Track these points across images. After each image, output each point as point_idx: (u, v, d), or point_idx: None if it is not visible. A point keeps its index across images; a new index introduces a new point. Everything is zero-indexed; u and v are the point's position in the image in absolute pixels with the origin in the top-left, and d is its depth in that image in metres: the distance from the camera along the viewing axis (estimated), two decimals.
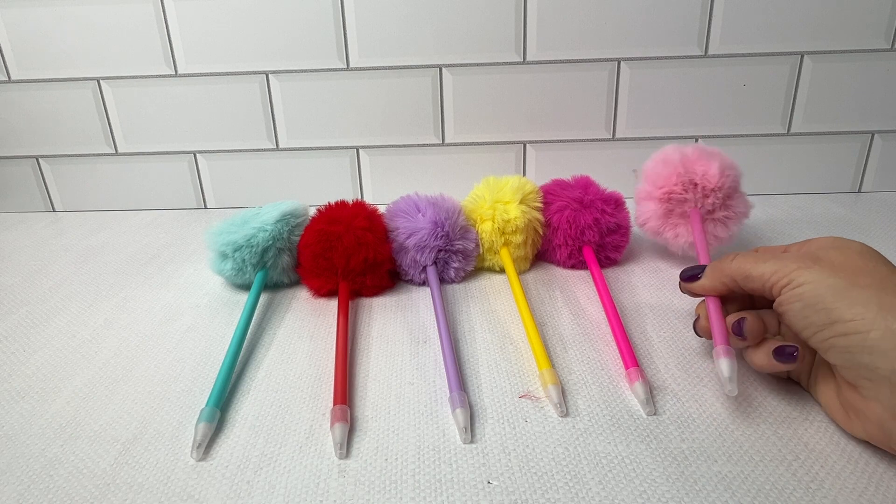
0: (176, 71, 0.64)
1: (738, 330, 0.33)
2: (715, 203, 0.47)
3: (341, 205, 0.48)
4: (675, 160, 0.47)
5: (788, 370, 0.32)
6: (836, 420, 0.31)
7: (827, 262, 0.31)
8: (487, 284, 0.49)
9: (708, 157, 0.47)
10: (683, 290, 0.38)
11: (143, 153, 0.68)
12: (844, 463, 0.29)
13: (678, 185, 0.47)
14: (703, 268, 0.36)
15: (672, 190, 0.47)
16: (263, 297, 0.47)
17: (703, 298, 0.37)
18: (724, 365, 0.32)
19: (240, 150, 0.67)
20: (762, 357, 0.32)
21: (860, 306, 0.27)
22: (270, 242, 0.46)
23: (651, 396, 0.34)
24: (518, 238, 0.49)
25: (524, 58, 0.63)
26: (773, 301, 0.32)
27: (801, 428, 0.31)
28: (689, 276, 0.37)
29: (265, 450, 0.31)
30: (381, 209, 0.50)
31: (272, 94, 0.65)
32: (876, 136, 0.66)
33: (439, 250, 0.47)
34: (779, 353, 0.31)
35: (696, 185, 0.47)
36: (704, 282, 0.36)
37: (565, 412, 0.33)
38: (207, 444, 0.31)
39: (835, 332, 0.28)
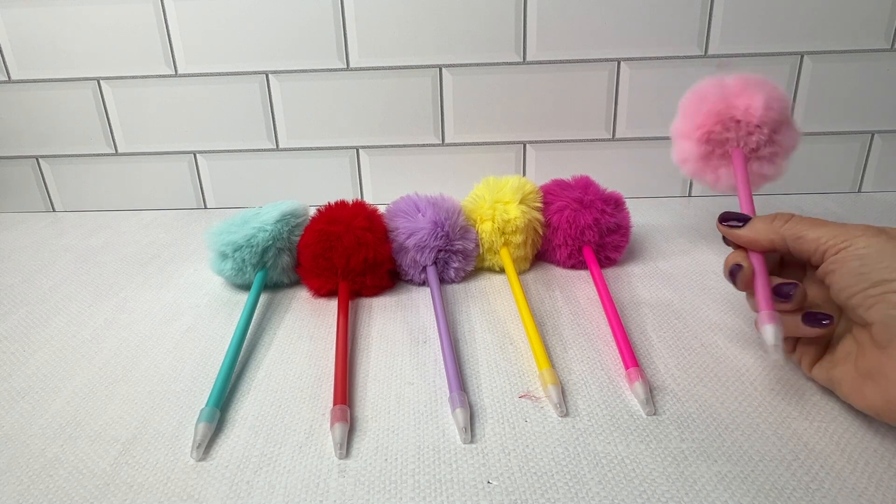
0: (176, 71, 0.64)
1: (787, 293, 0.32)
2: (760, 140, 0.42)
3: (341, 205, 0.48)
4: (713, 95, 0.43)
5: (817, 335, 0.32)
6: (848, 394, 0.30)
7: (883, 230, 0.30)
8: (487, 284, 0.49)
9: (752, 88, 0.42)
10: (722, 231, 0.37)
11: (143, 153, 0.68)
12: (844, 463, 0.29)
13: (717, 125, 0.43)
14: (747, 218, 0.35)
15: (711, 130, 0.43)
16: (263, 297, 0.47)
17: (735, 251, 0.36)
18: (770, 332, 0.31)
19: (240, 150, 0.67)
20: (789, 323, 0.32)
21: None
22: (270, 242, 0.46)
23: (651, 396, 0.34)
24: (518, 238, 0.49)
25: (524, 58, 0.63)
26: (818, 266, 0.31)
27: (801, 428, 0.31)
28: (730, 223, 0.36)
29: (265, 450, 0.31)
30: (381, 209, 0.50)
31: (272, 94, 0.65)
32: (876, 136, 0.66)
33: (439, 250, 0.47)
34: (809, 319, 0.32)
35: (738, 121, 0.42)
36: (748, 233, 0.35)
37: (565, 412, 0.33)
38: (207, 444, 0.31)
39: (887, 289, 0.28)
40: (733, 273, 0.35)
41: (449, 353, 0.37)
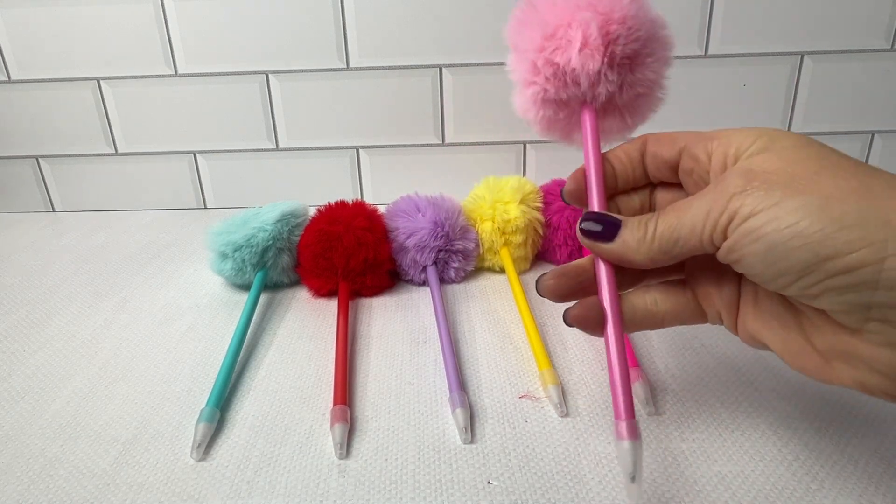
0: (176, 71, 0.64)
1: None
2: (610, 88, 0.28)
3: (341, 205, 0.48)
4: (534, 30, 0.29)
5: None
6: (804, 369, 0.24)
7: (764, 174, 0.22)
8: (487, 284, 0.49)
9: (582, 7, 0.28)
10: (586, 245, 0.28)
11: (143, 153, 0.68)
12: (844, 463, 0.29)
13: (549, 83, 0.29)
14: (615, 223, 0.27)
15: (544, 89, 0.29)
16: (263, 297, 0.47)
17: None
18: (626, 451, 0.25)
19: (240, 150, 0.67)
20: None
21: (856, 227, 0.20)
22: (270, 242, 0.46)
23: (651, 396, 0.34)
24: (518, 238, 0.49)
25: None
26: (717, 252, 0.24)
27: (801, 428, 0.31)
28: (592, 233, 0.27)
29: (265, 450, 0.31)
30: (381, 209, 0.50)
31: (272, 94, 0.65)
32: (876, 136, 0.66)
33: (439, 250, 0.47)
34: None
35: (573, 70, 0.28)
36: (620, 250, 0.26)
37: (565, 412, 0.33)
38: (207, 444, 0.31)
39: (830, 271, 0.21)
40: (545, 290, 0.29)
41: (449, 353, 0.37)
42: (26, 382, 0.37)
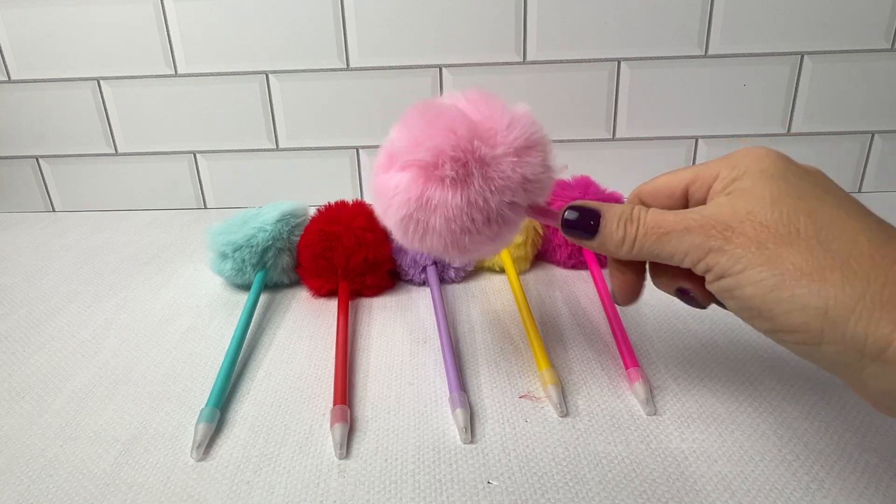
0: (176, 71, 0.64)
1: (687, 299, 0.29)
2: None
3: (341, 205, 0.48)
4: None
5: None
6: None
7: (738, 237, 0.24)
8: (487, 284, 0.49)
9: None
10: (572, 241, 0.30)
11: (143, 153, 0.68)
12: (844, 463, 0.29)
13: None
14: (595, 216, 0.28)
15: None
16: (263, 297, 0.47)
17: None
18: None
19: (240, 150, 0.67)
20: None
21: (798, 311, 0.22)
22: (270, 242, 0.46)
23: (651, 396, 0.34)
24: (518, 238, 0.49)
25: (524, 58, 0.63)
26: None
27: (801, 428, 0.31)
28: (575, 230, 0.29)
29: (265, 450, 0.31)
30: None
31: (272, 94, 0.65)
32: (876, 136, 0.66)
33: None
34: (681, 294, 0.29)
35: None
36: (600, 249, 0.28)
37: (565, 412, 0.33)
38: (207, 445, 0.31)
39: (782, 339, 0.24)
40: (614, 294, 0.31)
41: (449, 353, 0.37)
42: (26, 382, 0.37)
